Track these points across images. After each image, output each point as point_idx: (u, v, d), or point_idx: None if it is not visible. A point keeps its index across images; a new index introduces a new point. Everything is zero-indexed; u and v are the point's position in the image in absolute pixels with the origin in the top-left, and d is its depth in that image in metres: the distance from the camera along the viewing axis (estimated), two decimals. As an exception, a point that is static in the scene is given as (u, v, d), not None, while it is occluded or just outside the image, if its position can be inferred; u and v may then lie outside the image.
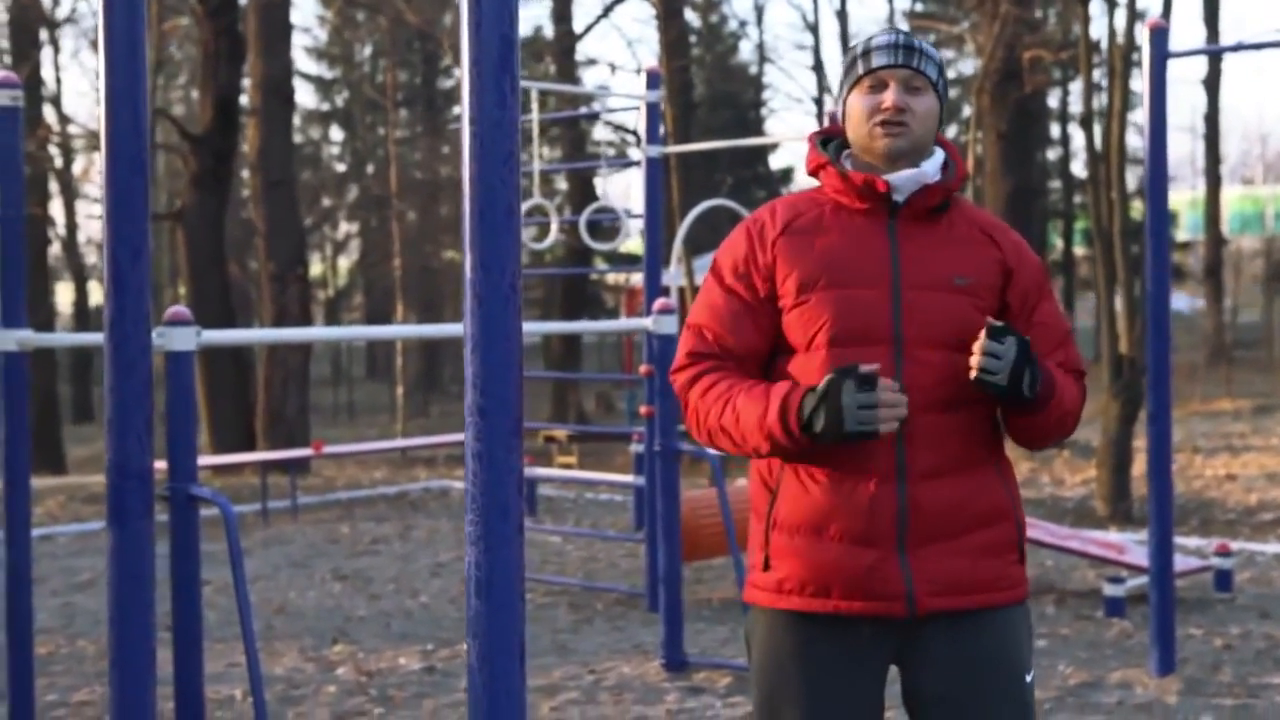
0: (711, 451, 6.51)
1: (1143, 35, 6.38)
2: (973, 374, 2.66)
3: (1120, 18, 12.89)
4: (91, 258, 34.92)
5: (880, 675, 2.80)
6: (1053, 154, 37.86)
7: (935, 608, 2.71)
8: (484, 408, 1.97)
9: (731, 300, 2.81)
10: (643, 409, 7.46)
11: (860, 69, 2.79)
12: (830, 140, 2.90)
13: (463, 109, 1.94)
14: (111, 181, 3.13)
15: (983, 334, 2.66)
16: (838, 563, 2.71)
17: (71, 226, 32.33)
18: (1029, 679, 2.79)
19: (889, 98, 2.74)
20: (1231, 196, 41.18)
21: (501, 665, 1.98)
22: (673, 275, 8.81)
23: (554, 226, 7.98)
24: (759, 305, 2.79)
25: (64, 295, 38.12)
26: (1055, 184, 38.25)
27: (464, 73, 1.94)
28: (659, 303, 6.65)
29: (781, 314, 2.77)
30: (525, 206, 8.00)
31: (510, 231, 1.96)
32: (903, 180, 2.75)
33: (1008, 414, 2.79)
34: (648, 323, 6.66)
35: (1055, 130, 36.86)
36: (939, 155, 2.83)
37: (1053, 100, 33.92)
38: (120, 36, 3.15)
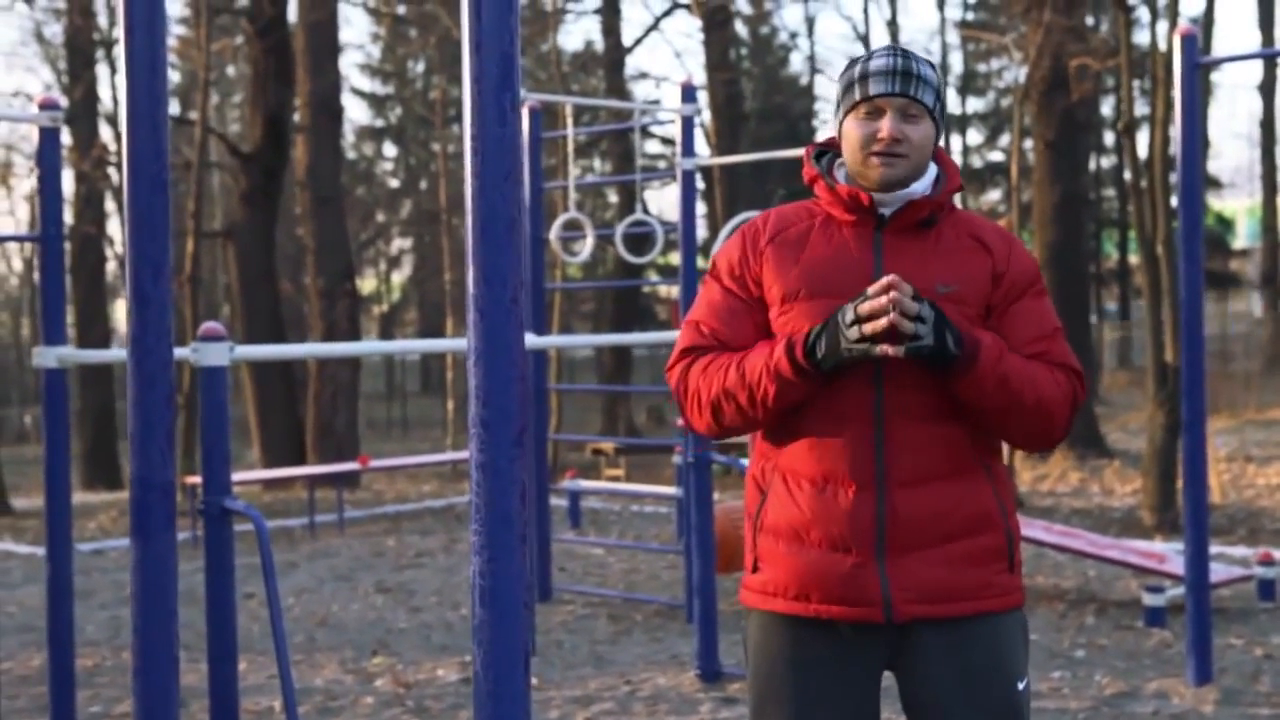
0: (744, 462, 6.53)
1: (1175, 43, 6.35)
2: (896, 350, 2.61)
3: (1163, 25, 12.82)
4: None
5: (871, 679, 2.82)
6: (1108, 162, 37.56)
7: (914, 614, 2.72)
8: (487, 419, 2.01)
9: (728, 298, 2.86)
10: (680, 420, 7.50)
11: (857, 94, 2.79)
12: (826, 153, 2.93)
13: (464, 126, 1.98)
14: (133, 200, 3.19)
15: (904, 287, 2.62)
16: (817, 567, 2.74)
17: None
18: (1021, 687, 2.78)
19: (885, 126, 2.75)
20: (1289, 203, 40.69)
21: (505, 672, 2.02)
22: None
23: (589, 240, 8.03)
24: (753, 304, 2.84)
25: (122, 313, 38.54)
26: (1110, 192, 37.96)
27: (465, 90, 1.99)
28: (692, 315, 6.67)
29: (770, 322, 2.83)
30: (562, 220, 8.06)
31: (512, 246, 2.00)
32: (889, 195, 2.79)
33: (954, 391, 2.71)
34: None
35: (1110, 138, 36.56)
36: (931, 171, 2.85)
37: (1107, 108, 33.67)
38: (141, 57, 3.20)
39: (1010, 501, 2.83)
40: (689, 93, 8.10)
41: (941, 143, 2.93)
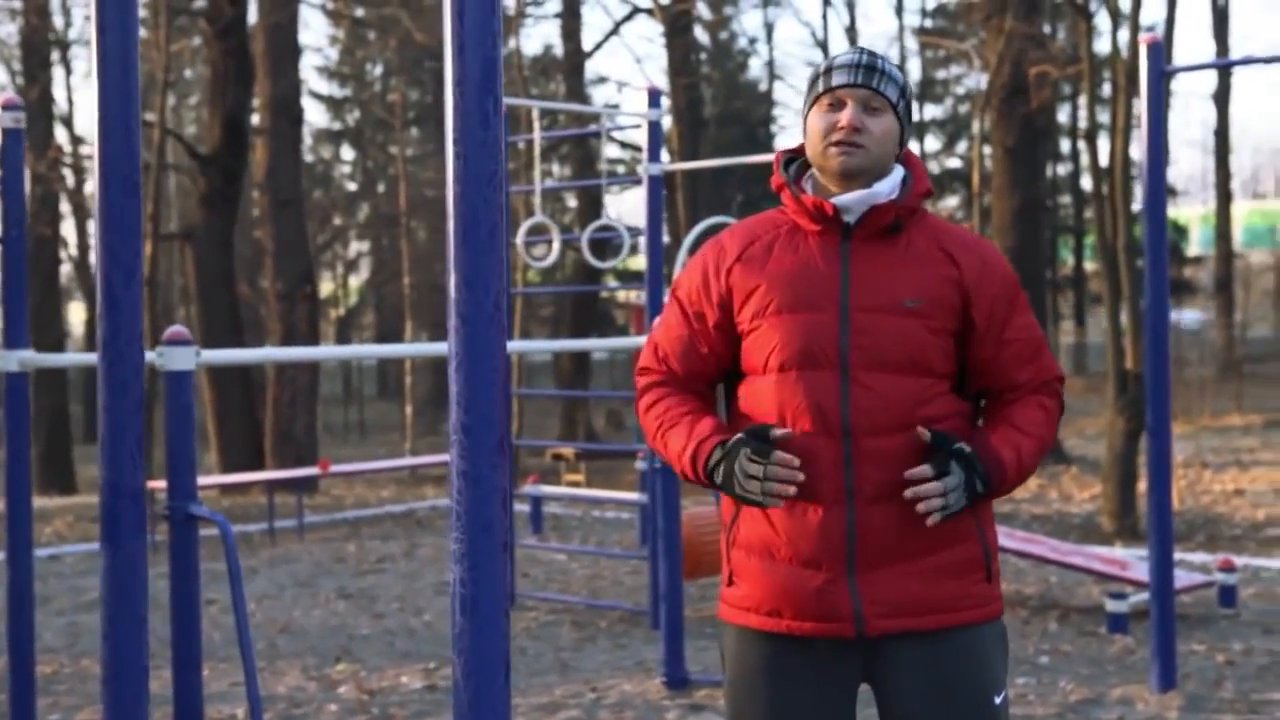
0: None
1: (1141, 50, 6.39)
2: (932, 520, 2.67)
3: (1124, 33, 12.92)
4: (103, 278, 34.87)
5: (848, 693, 2.80)
6: (1063, 169, 37.84)
7: (886, 629, 2.71)
8: (468, 426, 1.98)
9: (684, 326, 2.87)
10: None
11: (820, 87, 2.80)
12: (795, 160, 2.91)
13: (446, 130, 1.96)
14: (104, 203, 3.14)
15: (926, 470, 2.67)
16: (788, 584, 2.73)
17: (83, 247, 32.40)
18: (999, 700, 2.77)
19: (845, 116, 2.75)
20: (1242, 211, 41.10)
21: (486, 681, 1.99)
22: (676, 293, 8.81)
23: (556, 244, 8.01)
24: (706, 335, 2.85)
25: (76, 315, 38.23)
26: (1066, 199, 38.24)
27: (447, 94, 1.96)
28: (658, 320, 6.67)
29: (740, 339, 2.81)
30: (528, 224, 8.03)
31: (494, 251, 1.98)
32: (852, 201, 2.75)
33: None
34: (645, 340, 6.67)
35: (1066, 145, 36.84)
36: (897, 173, 2.82)
37: (1063, 115, 33.91)
38: (114, 58, 3.16)
39: (987, 512, 2.82)
40: (655, 97, 8.09)
41: (913, 147, 2.93)
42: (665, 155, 23.13)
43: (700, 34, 33.37)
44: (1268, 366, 30.91)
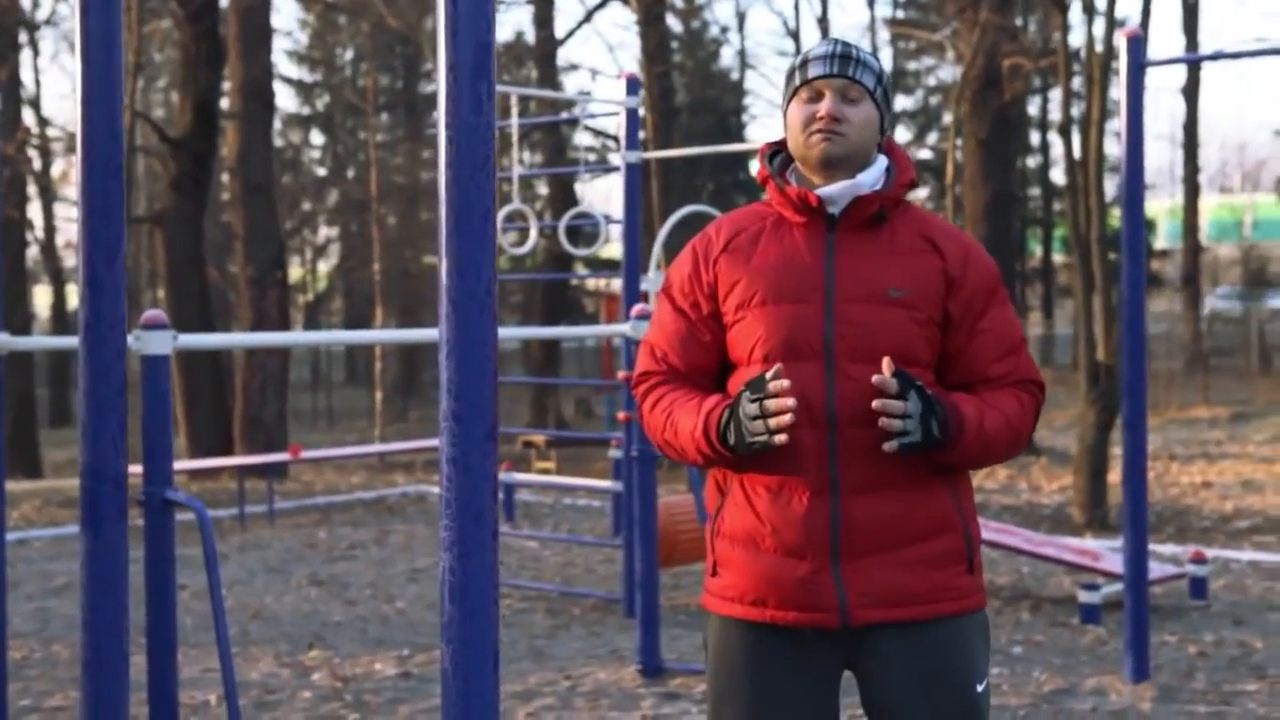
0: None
1: (1119, 44, 6.41)
2: (889, 445, 2.65)
3: (1099, 26, 12.96)
4: (70, 261, 34.74)
5: (830, 682, 2.81)
6: (1032, 161, 37.97)
7: (870, 619, 2.71)
8: (459, 414, 1.97)
9: (679, 320, 2.86)
10: (620, 414, 7.49)
11: (798, 79, 2.82)
12: (780, 153, 2.92)
13: (439, 114, 1.94)
14: (87, 185, 3.12)
15: (893, 383, 2.63)
16: (772, 574, 2.73)
17: (50, 229, 32.23)
18: (980, 689, 2.78)
19: (824, 106, 2.76)
20: (1209, 204, 41.34)
21: (475, 670, 1.98)
22: (652, 281, 8.82)
23: (533, 231, 7.99)
24: (704, 324, 2.84)
25: (42, 298, 37.97)
26: (1035, 191, 38.38)
27: (440, 78, 1.94)
28: (636, 308, 6.67)
29: (726, 330, 2.82)
30: (505, 211, 8.01)
31: (486, 237, 1.96)
32: (836, 192, 2.76)
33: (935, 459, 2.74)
34: (625, 328, 6.67)
35: (1035, 138, 36.97)
36: (880, 163, 2.83)
37: (1033, 108, 34.02)
38: (97, 38, 3.14)
39: (970, 504, 2.83)
40: (633, 85, 8.08)
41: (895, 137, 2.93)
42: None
43: (673, 22, 33.31)
44: (1234, 359, 31.08)
